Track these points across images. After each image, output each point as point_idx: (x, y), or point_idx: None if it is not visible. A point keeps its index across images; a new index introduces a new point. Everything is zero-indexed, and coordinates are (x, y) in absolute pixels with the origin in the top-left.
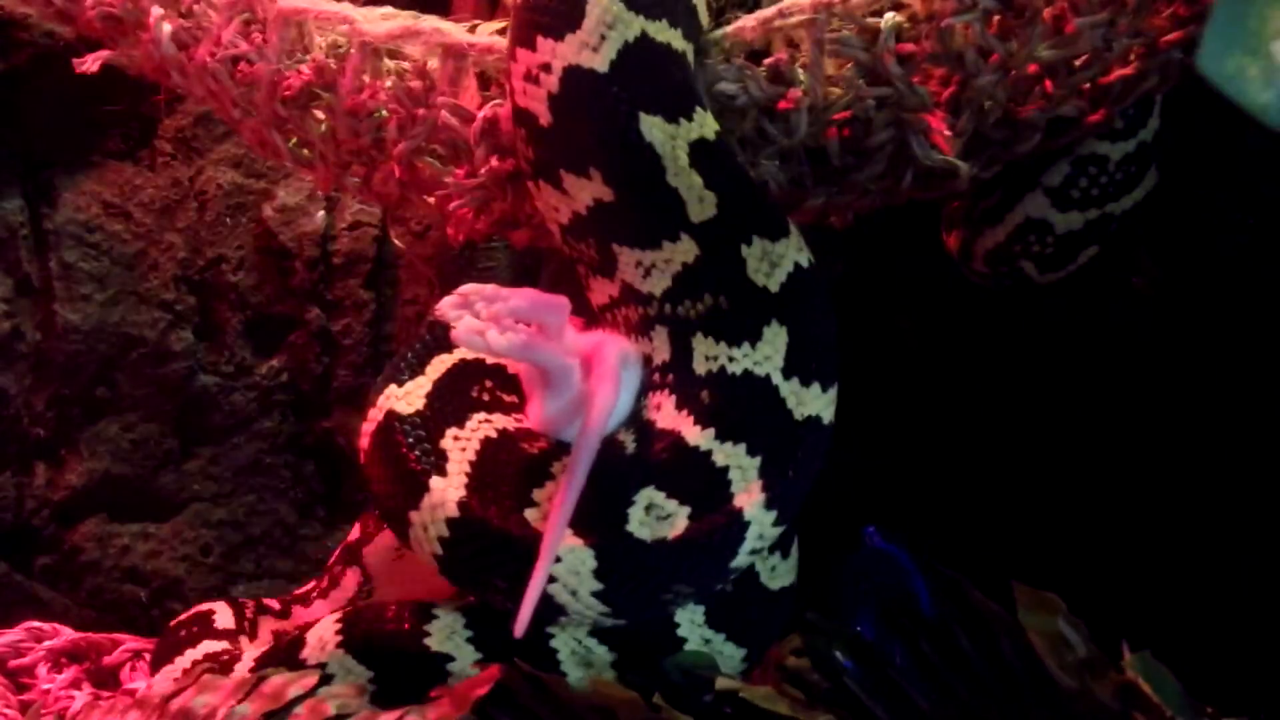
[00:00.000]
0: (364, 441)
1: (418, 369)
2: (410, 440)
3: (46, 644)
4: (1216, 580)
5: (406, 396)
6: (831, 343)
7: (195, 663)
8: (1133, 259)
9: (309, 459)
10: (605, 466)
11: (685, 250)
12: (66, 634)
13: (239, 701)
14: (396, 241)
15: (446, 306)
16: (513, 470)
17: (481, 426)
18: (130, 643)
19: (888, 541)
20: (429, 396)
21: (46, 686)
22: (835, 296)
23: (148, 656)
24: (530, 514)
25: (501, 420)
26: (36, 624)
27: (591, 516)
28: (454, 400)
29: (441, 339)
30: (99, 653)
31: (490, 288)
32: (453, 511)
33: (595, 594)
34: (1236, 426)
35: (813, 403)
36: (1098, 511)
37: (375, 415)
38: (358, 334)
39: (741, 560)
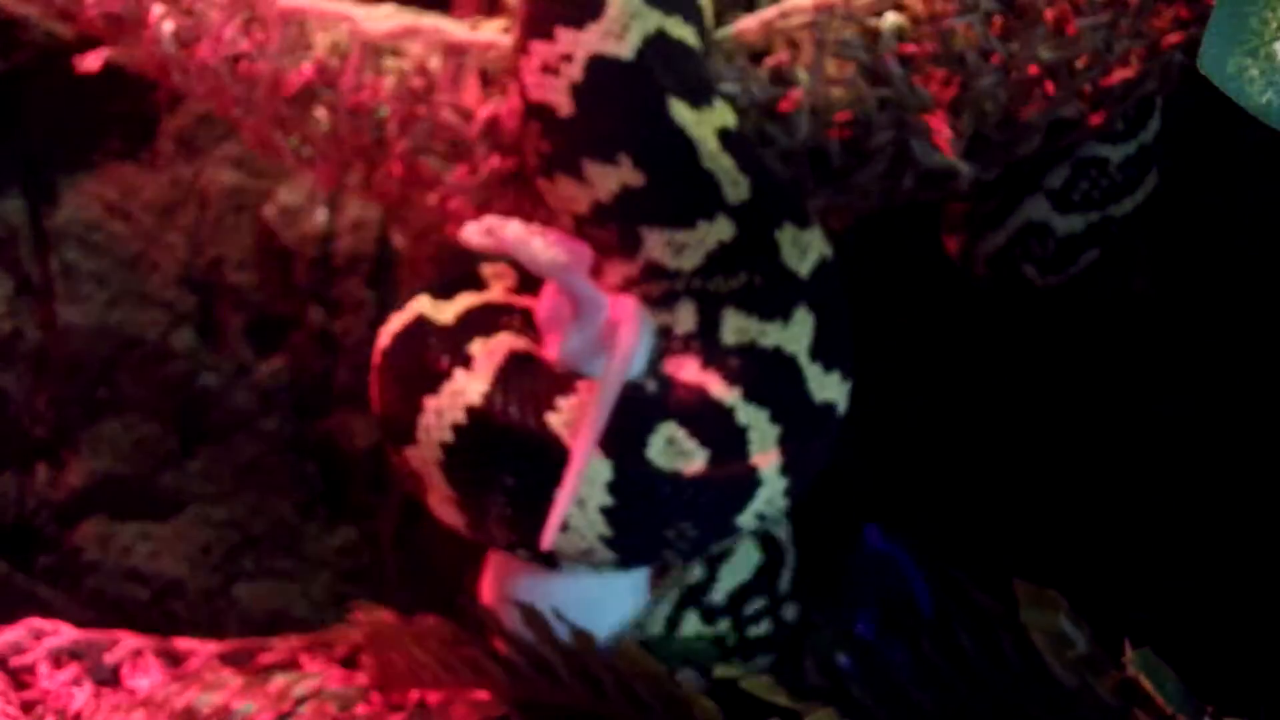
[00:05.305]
0: (384, 341)
1: (446, 295)
2: (435, 341)
3: (47, 642)
4: (1218, 579)
5: (437, 310)
6: (849, 335)
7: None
8: (1133, 261)
9: (310, 459)
10: (628, 397)
11: (721, 230)
12: (67, 632)
13: (243, 701)
14: (398, 241)
15: (471, 231)
16: (538, 376)
17: (509, 340)
18: (131, 641)
19: (887, 541)
20: (458, 315)
21: (47, 684)
22: None
23: (148, 654)
24: (552, 418)
25: (528, 343)
26: (37, 621)
27: (612, 435)
28: (483, 321)
29: (470, 278)
30: (99, 651)
31: (514, 221)
32: (475, 399)
33: (603, 509)
34: (1237, 426)
35: (832, 389)
36: (1099, 510)
37: (402, 318)
38: (359, 334)
39: (746, 519)
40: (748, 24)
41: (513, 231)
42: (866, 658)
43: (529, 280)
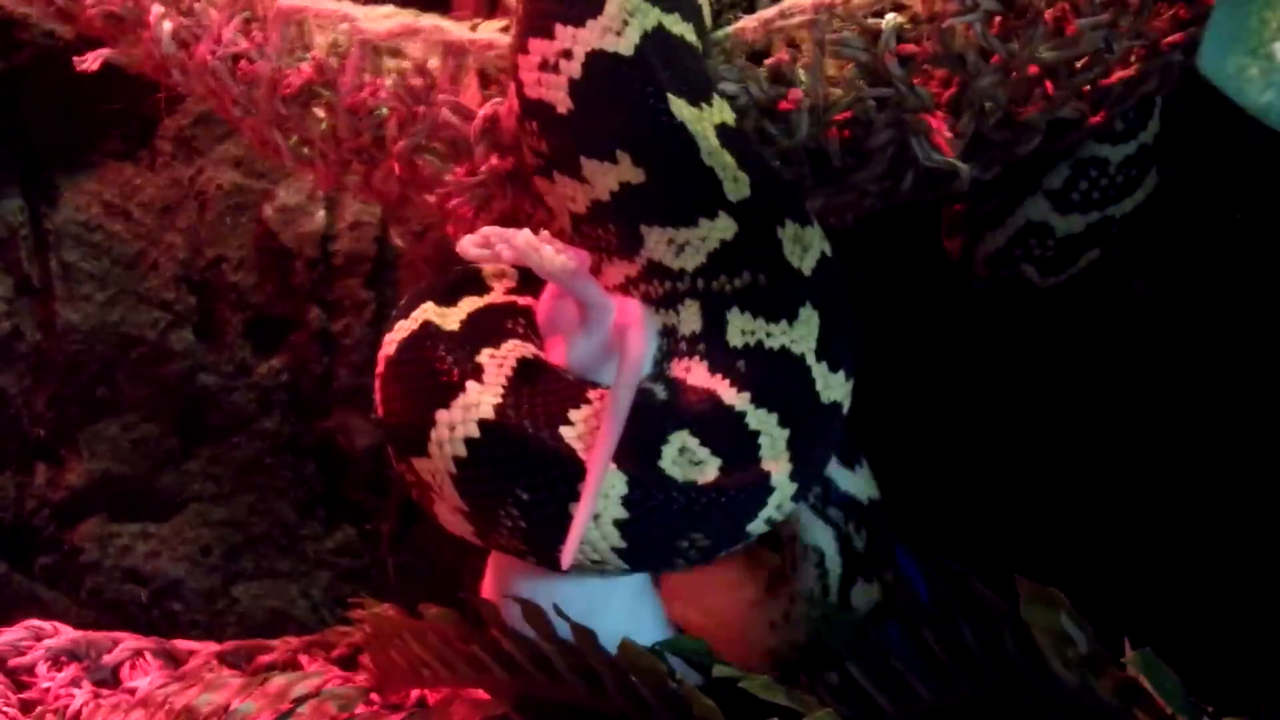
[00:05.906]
0: (390, 350)
1: (450, 300)
2: (444, 350)
3: (46, 642)
4: (1218, 578)
5: (442, 317)
6: (853, 333)
7: None
8: (1133, 261)
9: (309, 459)
10: (640, 406)
11: (723, 228)
12: (67, 632)
13: (243, 700)
14: (397, 241)
15: (468, 243)
16: (550, 388)
17: (517, 348)
18: (130, 641)
19: None
20: (464, 322)
21: (46, 685)
22: None
23: (148, 655)
24: (566, 431)
25: (535, 350)
26: (36, 622)
27: (625, 447)
28: (489, 327)
29: (472, 279)
30: (99, 651)
31: (524, 230)
32: (488, 413)
33: (618, 522)
34: (1237, 426)
35: (837, 388)
36: (1101, 509)
37: (407, 326)
38: (358, 334)
39: (758, 525)
40: (747, 23)
41: (523, 240)
42: (869, 648)
43: (529, 280)
